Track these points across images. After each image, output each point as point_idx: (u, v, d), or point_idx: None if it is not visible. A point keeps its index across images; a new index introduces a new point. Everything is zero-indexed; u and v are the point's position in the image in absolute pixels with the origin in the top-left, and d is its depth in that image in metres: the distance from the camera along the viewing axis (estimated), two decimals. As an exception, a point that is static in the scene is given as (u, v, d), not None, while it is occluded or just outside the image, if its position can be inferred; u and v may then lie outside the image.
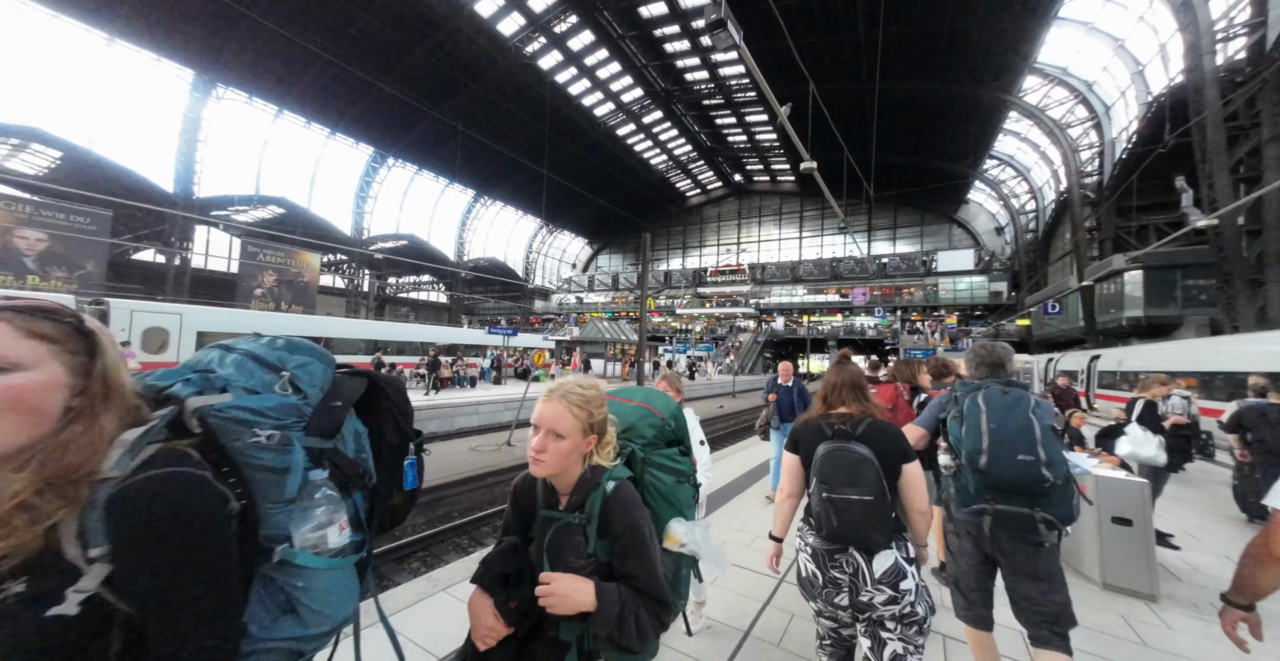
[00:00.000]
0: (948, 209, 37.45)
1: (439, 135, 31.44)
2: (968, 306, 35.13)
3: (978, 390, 1.85)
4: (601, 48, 26.46)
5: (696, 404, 17.92)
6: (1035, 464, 1.62)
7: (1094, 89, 21.41)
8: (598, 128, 33.15)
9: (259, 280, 27.51)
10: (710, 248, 46.49)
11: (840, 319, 38.00)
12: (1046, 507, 1.64)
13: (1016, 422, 1.69)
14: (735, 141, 36.84)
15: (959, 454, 1.81)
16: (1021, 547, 1.71)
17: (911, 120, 27.61)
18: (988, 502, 1.72)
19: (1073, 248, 23.89)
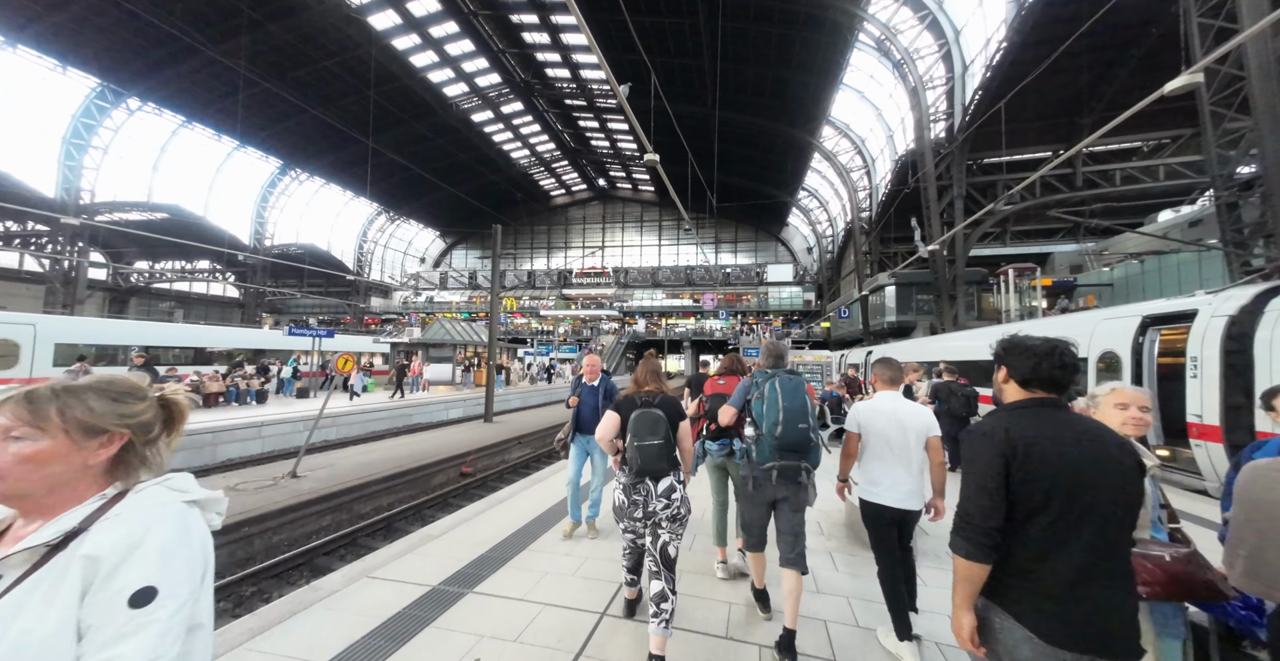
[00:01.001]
0: (774, 229, 44.89)
1: (218, 81, 24.47)
2: (789, 311, 42.63)
3: (774, 377, 2.48)
4: (450, 20, 24.19)
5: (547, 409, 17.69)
6: (808, 430, 2.37)
7: (865, 144, 28.21)
8: (449, 109, 30.19)
9: None
10: (575, 249, 46.60)
11: (693, 321, 42.12)
12: (809, 458, 2.42)
13: (799, 401, 2.40)
14: (598, 146, 37.71)
15: (760, 426, 2.43)
16: (792, 488, 2.42)
17: (747, 149, 32.31)
18: (776, 460, 2.37)
19: (855, 267, 31.10)
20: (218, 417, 9.17)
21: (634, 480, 2.31)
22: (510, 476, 7.80)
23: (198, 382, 10.21)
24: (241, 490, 5.14)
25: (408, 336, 16.64)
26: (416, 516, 5.63)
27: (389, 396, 12.19)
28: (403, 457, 7.40)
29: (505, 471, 7.99)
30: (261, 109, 27.15)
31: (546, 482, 5.56)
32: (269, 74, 24.68)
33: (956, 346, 11.45)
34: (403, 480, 6.49)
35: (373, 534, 5.03)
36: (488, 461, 8.57)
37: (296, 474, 5.82)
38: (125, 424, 0.75)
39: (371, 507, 5.66)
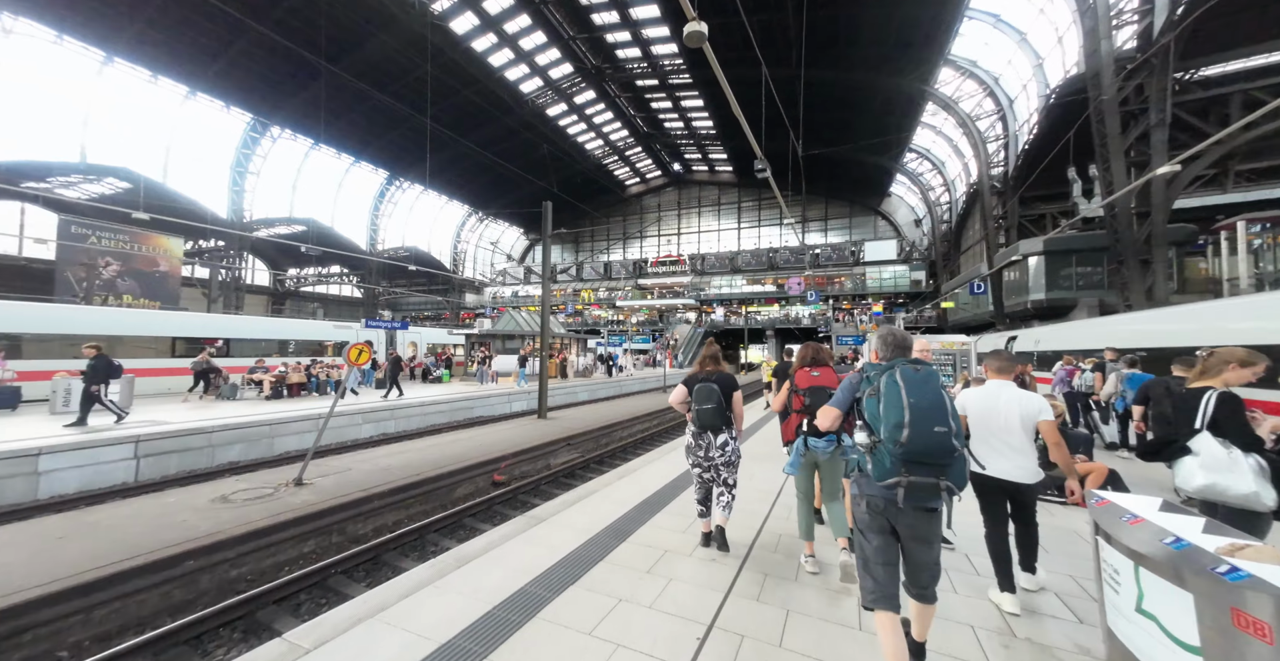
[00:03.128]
0: (872, 201, 38.83)
1: (337, 103, 27.05)
2: (892, 294, 36.69)
3: (890, 369, 1.92)
4: (523, 13, 23.73)
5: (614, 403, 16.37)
6: (948, 435, 1.74)
7: (1000, 83, 22.28)
8: (525, 105, 30.27)
9: (95, 270, 22.08)
10: (651, 238, 45.15)
11: (778, 308, 38.29)
12: (949, 476, 1.78)
13: (931, 397, 1.79)
14: (672, 128, 35.51)
15: (876, 430, 1.86)
16: (922, 515, 1.85)
17: (839, 111, 27.72)
18: (901, 474, 1.77)
19: (983, 236, 25.16)
20: (290, 408, 9.26)
21: (697, 431, 3.12)
22: (547, 488, 6.48)
23: (283, 373, 10.65)
24: (231, 501, 4.42)
25: (478, 328, 16.64)
26: (417, 542, 4.50)
27: (382, 396, 10.97)
28: (432, 461, 6.48)
29: (544, 481, 6.70)
30: (369, 125, 29.70)
31: (590, 501, 4.17)
32: (372, 91, 26.69)
33: (1159, 330, 7.59)
34: (420, 491, 5.47)
35: (353, 569, 3.95)
36: (528, 467, 7.37)
37: (301, 481, 5.06)
38: None
39: (371, 527, 4.67)
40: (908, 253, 36.43)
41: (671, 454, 6.02)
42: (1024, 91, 21.13)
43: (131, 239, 23.29)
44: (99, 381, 6.92)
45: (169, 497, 4.56)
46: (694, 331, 35.35)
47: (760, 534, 3.48)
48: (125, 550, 3.38)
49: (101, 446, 5.69)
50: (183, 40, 21.45)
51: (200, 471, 6.57)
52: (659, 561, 2.98)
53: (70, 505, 5.08)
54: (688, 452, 3.18)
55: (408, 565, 4.03)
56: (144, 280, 23.80)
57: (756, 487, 4.63)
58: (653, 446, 9.29)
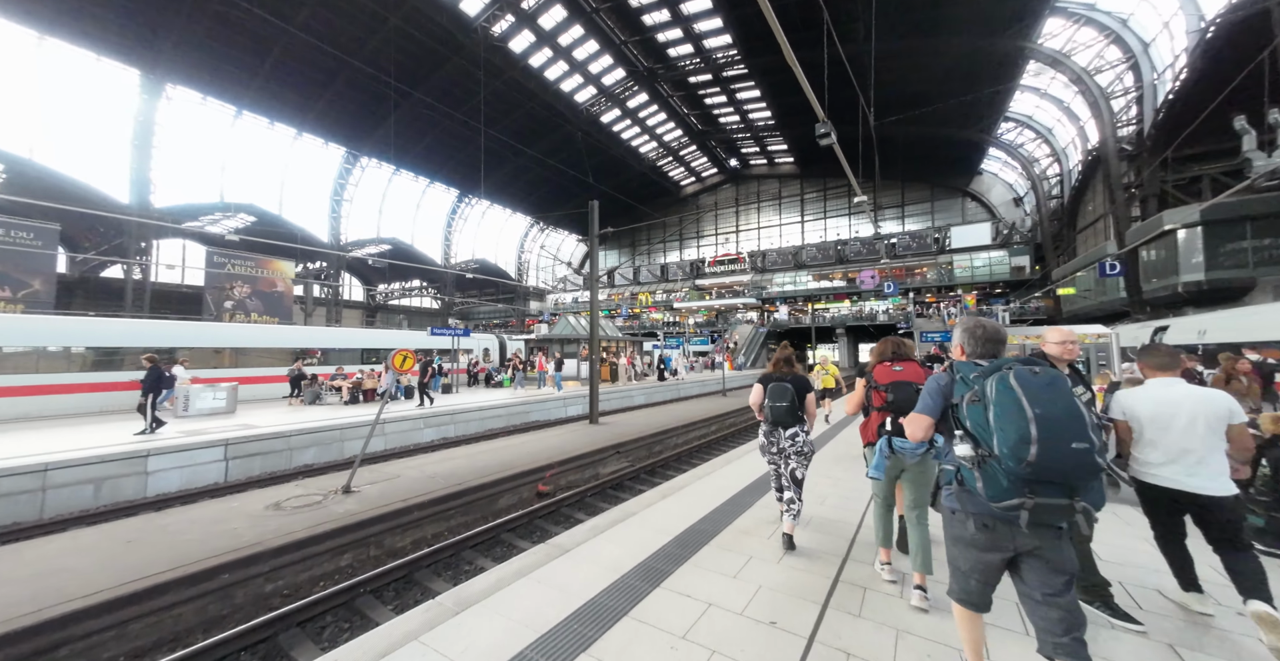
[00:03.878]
0: (959, 181, 34.39)
1: (412, 131, 29.53)
2: (987, 283, 32.12)
3: (998, 370, 1.57)
4: (575, 23, 24.15)
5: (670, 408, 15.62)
6: (1089, 451, 1.40)
7: (1129, 24, 18.44)
8: (580, 115, 30.86)
9: (228, 292, 25.92)
10: (708, 238, 43.95)
11: (848, 305, 35.21)
12: (1085, 496, 1.47)
13: (1064, 405, 1.44)
14: (727, 122, 34.23)
15: (984, 443, 1.54)
16: (1048, 537, 1.53)
17: (914, 84, 24.81)
18: (1025, 495, 1.47)
19: (1108, 209, 20.99)
20: (362, 413, 9.81)
21: (770, 428, 3.27)
22: (593, 500, 6.03)
23: (360, 379, 11.44)
24: (282, 509, 4.48)
25: (535, 333, 16.94)
26: (452, 560, 4.24)
27: (415, 405, 10.74)
28: (478, 469, 6.33)
29: (591, 491, 6.26)
30: (441, 148, 32.05)
31: (626, 528, 3.63)
32: (442, 116, 28.75)
33: None
34: (463, 500, 5.28)
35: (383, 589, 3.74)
36: (574, 476, 6.99)
37: (350, 488, 5.08)
38: None
39: (410, 540, 4.51)
40: (1006, 236, 31.66)
41: (725, 468, 5.27)
42: (1165, 31, 17.25)
43: (257, 265, 27.10)
44: (153, 390, 6.91)
45: (234, 502, 4.78)
46: (755, 331, 33.60)
47: (853, 545, 3.23)
48: (175, 558, 3.45)
49: (197, 449, 6.26)
50: (292, 88, 24.60)
51: (279, 473, 7.03)
52: (698, 622, 2.32)
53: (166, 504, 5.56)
54: (762, 451, 3.37)
55: (439, 587, 3.75)
56: (266, 299, 27.55)
57: (842, 494, 4.35)
58: (707, 456, 8.53)
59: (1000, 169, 32.55)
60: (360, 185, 30.98)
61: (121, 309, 22.39)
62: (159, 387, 7.03)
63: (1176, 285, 16.56)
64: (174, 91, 22.06)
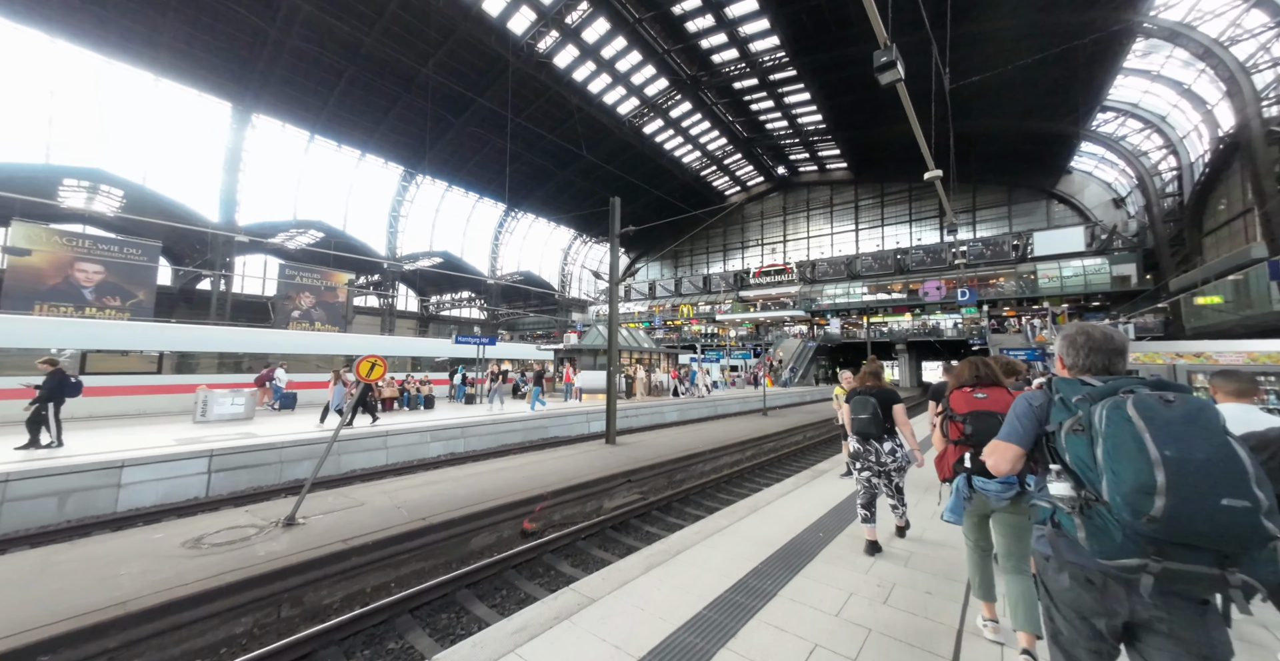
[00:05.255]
0: (1043, 181, 30.34)
1: (465, 149, 30.76)
2: (1080, 295, 27.69)
3: (1112, 395, 1.21)
4: (618, 35, 24.04)
5: (702, 426, 14.07)
6: (1252, 512, 1.02)
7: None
8: (623, 127, 30.71)
9: (295, 302, 27.80)
10: (754, 248, 42.06)
11: (909, 318, 31.79)
12: (1249, 567, 1.05)
13: (1209, 448, 1.07)
14: (775, 128, 32.69)
15: (1090, 484, 1.20)
16: (1185, 610, 1.13)
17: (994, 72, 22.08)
18: (1151, 557, 1.10)
19: (1249, 206, 17.14)
20: (370, 424, 9.35)
21: (859, 440, 3.29)
22: (584, 545, 4.87)
23: (380, 387, 11.16)
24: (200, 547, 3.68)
25: (564, 343, 16.25)
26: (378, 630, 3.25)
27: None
28: (460, 497, 5.39)
29: (587, 532, 5.11)
30: (490, 164, 33.16)
31: (596, 613, 2.36)
32: (493, 133, 29.68)
33: None
34: (425, 541, 4.34)
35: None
36: (571, 510, 5.86)
37: (294, 520, 4.30)
38: None
39: (341, 596, 3.60)
40: (1105, 241, 27.21)
41: (750, 518, 3.93)
42: (1327, -17, 13.85)
43: (322, 276, 29.02)
44: (52, 399, 5.92)
45: (156, 533, 4.10)
46: (803, 346, 31.10)
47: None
48: (36, 614, 2.72)
49: (179, 460, 5.87)
50: (357, 114, 26.40)
51: (267, 487, 6.53)
52: None
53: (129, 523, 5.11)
54: (856, 458, 3.36)
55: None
56: (328, 309, 29.34)
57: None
58: (735, 492, 7.09)
59: (1095, 166, 28.27)
60: (415, 201, 32.59)
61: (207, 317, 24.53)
62: (60, 396, 6.07)
63: (1363, 295, 12.87)
64: (258, 120, 24.30)
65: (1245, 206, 18.25)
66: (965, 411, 2.29)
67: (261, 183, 26.30)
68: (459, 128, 28.48)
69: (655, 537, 5.27)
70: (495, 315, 40.84)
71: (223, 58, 21.25)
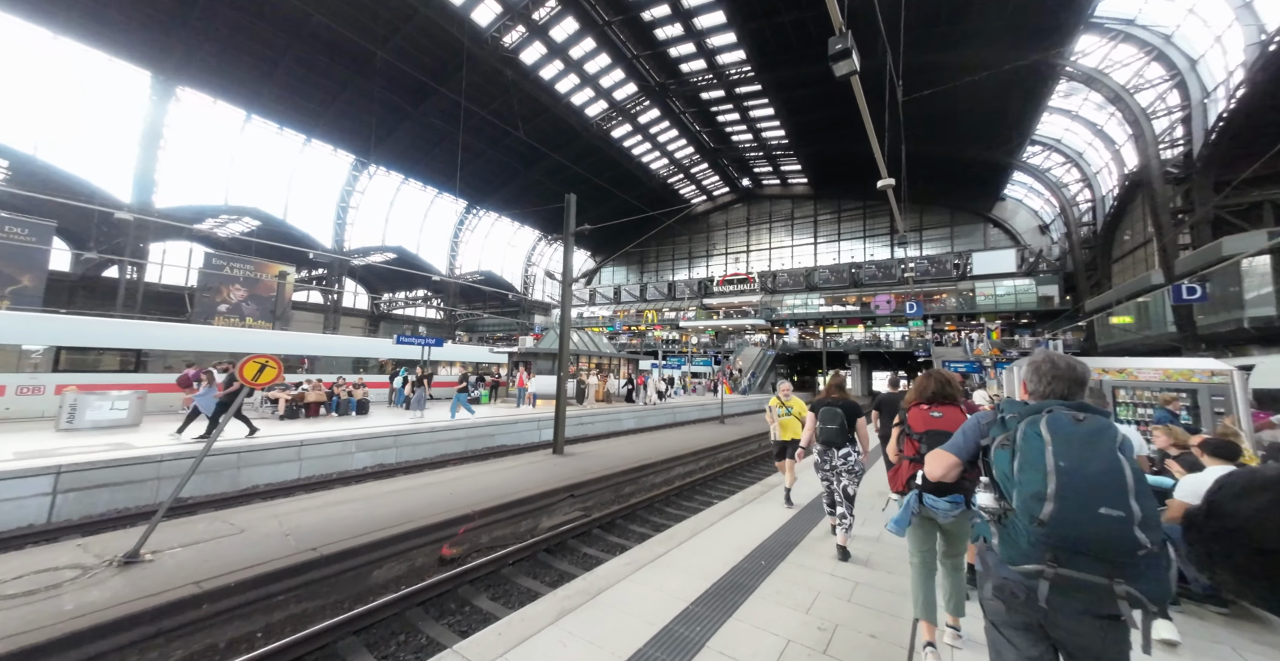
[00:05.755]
0: (981, 206, 32.69)
1: (423, 141, 29.25)
2: (1011, 312, 29.91)
3: (1037, 413, 1.36)
4: (587, 36, 23.71)
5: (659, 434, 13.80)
6: (1125, 522, 1.16)
7: (1173, 40, 16.98)
8: (591, 130, 30.32)
9: (224, 295, 25.19)
10: (718, 257, 42.68)
11: (862, 330, 33.17)
12: (1133, 579, 1.16)
13: (1099, 462, 1.22)
14: (740, 140, 33.41)
15: (1007, 494, 1.34)
16: (1089, 625, 1.22)
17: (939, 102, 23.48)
18: (1047, 563, 1.22)
19: (1154, 236, 19.05)
20: (294, 431, 8.30)
21: (822, 448, 3.56)
22: (510, 573, 4.31)
23: (304, 390, 10.00)
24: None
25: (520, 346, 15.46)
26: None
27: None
28: (368, 520, 4.68)
29: (516, 557, 4.55)
30: (450, 159, 31.69)
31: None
32: (452, 126, 28.35)
33: None
34: (310, 577, 3.64)
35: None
36: (503, 531, 5.28)
37: (137, 556, 3.46)
38: None
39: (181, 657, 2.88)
40: (1032, 264, 29.62)
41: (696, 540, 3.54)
42: (1217, 46, 15.72)
43: (256, 268, 26.49)
44: None
45: None
46: (763, 354, 31.66)
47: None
48: None
49: (9, 479, 4.77)
50: (303, 96, 24.43)
51: (133, 510, 5.47)
52: None
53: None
54: (816, 468, 3.66)
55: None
56: (262, 304, 26.79)
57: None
58: (688, 506, 6.74)
59: (1025, 195, 30.81)
60: (367, 193, 30.61)
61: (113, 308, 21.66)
62: None
63: (1242, 320, 14.52)
64: (184, 94, 21.94)
65: (1146, 238, 20.31)
66: (922, 430, 2.35)
67: (187, 163, 23.74)
68: (417, 118, 27.06)
69: (593, 561, 4.79)
70: (453, 316, 38.96)
71: (139, 19, 18.97)
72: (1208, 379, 4.95)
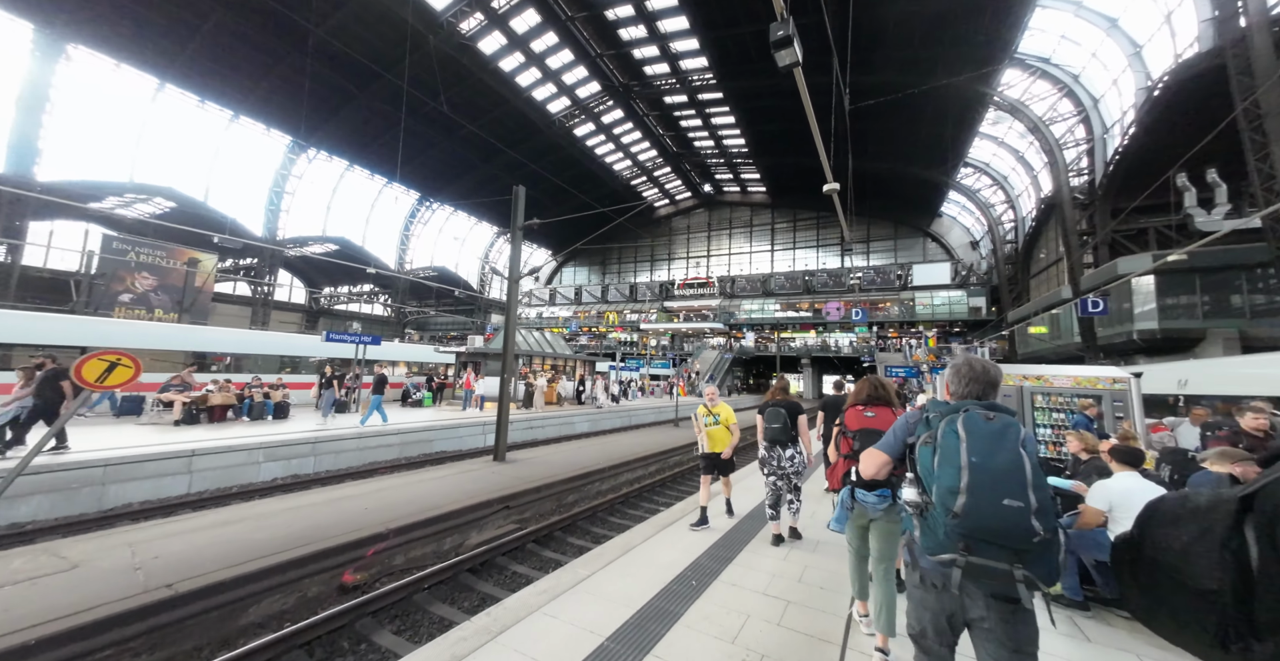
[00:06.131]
0: (921, 221, 35.04)
1: (370, 126, 27.32)
2: (946, 322, 32.21)
3: (955, 412, 1.49)
4: (550, 30, 23.10)
5: (611, 439, 13.55)
6: (1024, 511, 1.29)
7: (1080, 80, 18.91)
8: (553, 127, 29.61)
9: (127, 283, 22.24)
10: (680, 260, 43.05)
11: (814, 335, 34.54)
12: (1029, 564, 1.32)
13: (1004, 458, 1.36)
14: (702, 147, 33.89)
15: (928, 489, 1.46)
16: (995, 608, 1.38)
17: (882, 122, 24.91)
18: (960, 552, 1.36)
19: (1064, 255, 21.08)
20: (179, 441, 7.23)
21: (768, 446, 3.75)
22: (424, 601, 3.84)
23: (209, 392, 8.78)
24: None
25: (468, 346, 14.63)
26: None
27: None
28: (256, 544, 4.03)
29: (434, 581, 4.08)
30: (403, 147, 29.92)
31: None
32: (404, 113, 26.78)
33: None
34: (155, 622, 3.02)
35: None
36: (424, 549, 4.77)
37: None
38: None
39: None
40: (964, 277, 32.08)
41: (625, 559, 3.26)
42: (1114, 88, 17.66)
43: (169, 255, 23.60)
44: None
45: None
46: (721, 358, 32.18)
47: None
48: None
49: None
50: (230, 67, 22.07)
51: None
52: None
53: None
54: (762, 464, 3.84)
55: None
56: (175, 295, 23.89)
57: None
58: (633, 514, 6.47)
59: (959, 213, 33.35)
60: (306, 178, 28.21)
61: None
62: None
63: (1131, 332, 16.29)
64: (77, 53, 19.19)
65: (1058, 256, 22.45)
66: (856, 428, 2.50)
67: (83, 132, 20.77)
68: (364, 102, 25.25)
69: (522, 581, 4.39)
70: (402, 313, 36.71)
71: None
72: (1110, 386, 5.32)
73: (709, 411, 4.33)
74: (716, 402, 4.33)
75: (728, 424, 4.29)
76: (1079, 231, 19.77)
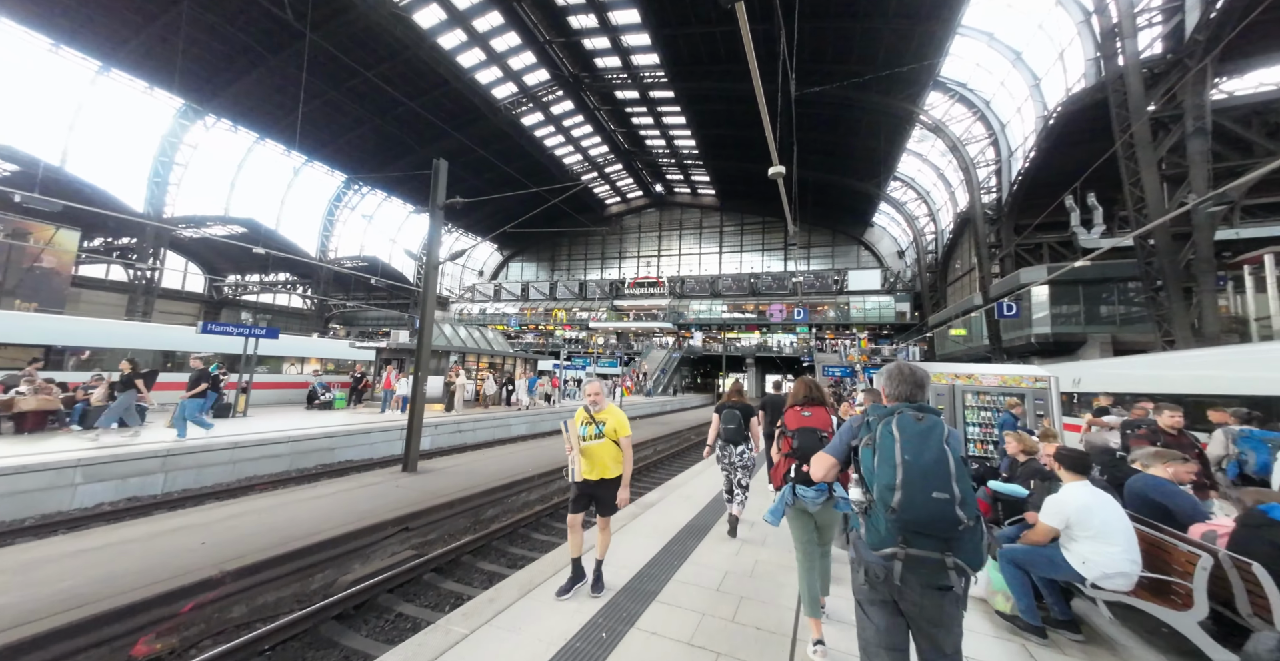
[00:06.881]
0: (856, 229, 37.24)
1: (284, 95, 24.13)
2: (877, 325, 34.44)
3: (891, 414, 1.61)
4: (494, 9, 21.64)
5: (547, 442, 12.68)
6: (950, 503, 1.42)
7: (991, 106, 20.74)
8: (498, 112, 27.95)
9: (-55, 260, 18.00)
10: (630, 259, 42.65)
11: (758, 336, 35.56)
12: (957, 552, 1.45)
13: (931, 454, 1.49)
14: (654, 146, 33.67)
15: (870, 488, 1.56)
16: (930, 596, 1.48)
17: (825, 134, 26.01)
18: (899, 545, 1.47)
19: (976, 265, 23.09)
20: None
21: (723, 445, 4.15)
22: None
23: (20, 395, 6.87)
24: None
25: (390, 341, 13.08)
26: None
27: None
28: (41, 598, 2.89)
29: (278, 638, 3.16)
30: (325, 123, 26.74)
31: None
32: (328, 84, 23.90)
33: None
34: None
35: None
36: (278, 593, 3.80)
37: None
38: None
39: None
40: (892, 283, 34.49)
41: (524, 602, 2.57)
42: (1018, 115, 19.53)
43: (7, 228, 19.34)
44: None
45: None
46: (669, 357, 32.13)
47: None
48: None
49: None
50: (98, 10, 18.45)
51: None
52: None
53: None
54: (718, 460, 4.28)
55: None
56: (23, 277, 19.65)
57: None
58: (559, 529, 5.79)
59: (888, 223, 35.81)
60: (203, 149, 24.45)
61: None
62: None
63: (1030, 336, 17.94)
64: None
65: (970, 266, 24.61)
66: (795, 428, 2.60)
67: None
68: (277, 66, 22.24)
69: (407, 626, 3.55)
70: (325, 306, 33.08)
71: None
72: (1033, 384, 5.46)
73: (590, 418, 2.85)
74: (603, 406, 2.86)
75: (617, 438, 2.82)
76: (989, 244, 21.65)
